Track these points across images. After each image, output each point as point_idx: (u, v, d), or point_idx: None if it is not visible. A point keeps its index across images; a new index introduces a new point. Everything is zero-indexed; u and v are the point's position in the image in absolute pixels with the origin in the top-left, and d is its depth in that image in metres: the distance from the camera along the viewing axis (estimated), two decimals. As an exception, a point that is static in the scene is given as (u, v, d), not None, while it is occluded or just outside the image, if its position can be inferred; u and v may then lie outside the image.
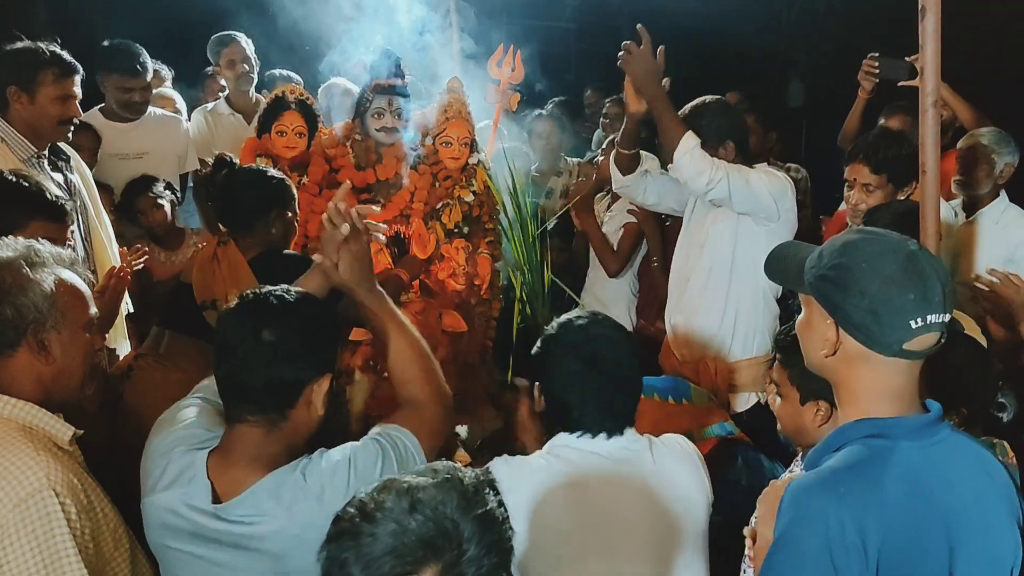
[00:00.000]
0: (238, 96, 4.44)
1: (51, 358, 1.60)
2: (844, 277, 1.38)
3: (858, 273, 1.38)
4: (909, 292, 1.35)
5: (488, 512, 1.12)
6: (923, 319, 1.34)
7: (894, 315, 1.35)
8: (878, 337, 1.36)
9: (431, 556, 1.06)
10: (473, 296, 3.30)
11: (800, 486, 1.37)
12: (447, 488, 1.12)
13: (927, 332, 1.35)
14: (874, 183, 2.92)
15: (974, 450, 1.45)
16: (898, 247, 1.40)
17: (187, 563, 1.59)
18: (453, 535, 1.07)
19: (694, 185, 2.79)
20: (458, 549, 1.07)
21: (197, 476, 1.59)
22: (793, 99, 6.35)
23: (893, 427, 1.38)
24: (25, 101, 2.82)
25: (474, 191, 3.26)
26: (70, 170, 2.98)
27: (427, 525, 1.07)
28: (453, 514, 1.09)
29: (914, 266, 1.37)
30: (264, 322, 1.57)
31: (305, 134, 3.19)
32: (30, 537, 1.44)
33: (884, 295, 1.35)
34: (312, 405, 1.61)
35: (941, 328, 1.36)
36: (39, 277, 1.60)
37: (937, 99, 2.26)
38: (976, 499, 1.39)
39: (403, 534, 1.07)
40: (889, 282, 1.35)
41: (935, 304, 1.35)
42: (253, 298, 1.63)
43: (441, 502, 1.10)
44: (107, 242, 3.05)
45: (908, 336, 1.35)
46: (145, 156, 3.90)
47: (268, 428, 1.59)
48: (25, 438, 1.53)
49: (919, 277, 1.36)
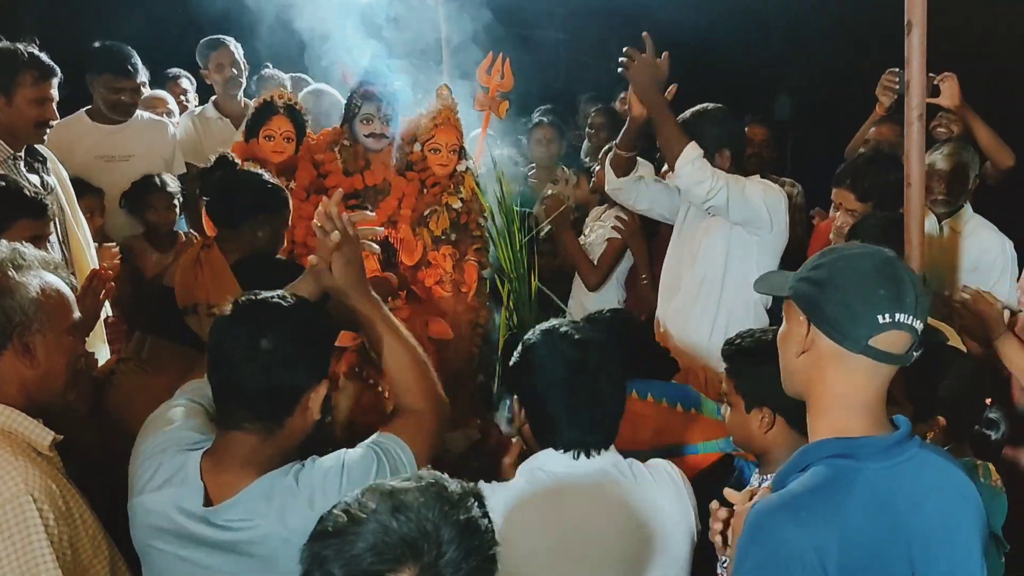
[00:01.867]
0: (226, 100, 4.43)
1: (36, 361, 1.59)
2: (822, 275, 1.42)
3: (834, 271, 1.41)
4: (881, 288, 1.37)
5: (470, 519, 1.13)
6: (891, 316, 1.36)
7: (864, 308, 1.37)
8: (847, 330, 1.37)
9: (410, 556, 1.08)
10: (460, 303, 3.29)
11: (762, 509, 1.37)
12: (431, 493, 1.14)
13: (895, 330, 1.36)
14: (859, 210, 2.96)
15: (944, 468, 1.44)
16: (876, 252, 1.44)
17: (173, 565, 1.57)
18: (433, 537, 1.09)
19: (694, 194, 2.80)
20: (437, 551, 1.09)
21: (190, 478, 1.58)
22: (780, 112, 6.40)
23: (859, 447, 1.38)
24: (2, 103, 2.79)
25: (462, 198, 3.25)
26: (46, 171, 2.96)
27: (408, 526, 1.09)
28: (435, 518, 1.11)
29: (890, 268, 1.40)
30: (261, 329, 1.56)
31: (293, 139, 3.18)
32: (7, 542, 1.42)
33: (856, 288, 1.38)
34: (309, 411, 1.61)
35: (911, 332, 1.37)
36: (25, 280, 1.58)
37: (922, 113, 2.29)
38: (943, 519, 1.38)
39: (385, 533, 1.08)
40: (863, 277, 1.39)
41: (906, 305, 1.37)
42: (248, 304, 1.61)
43: (424, 505, 1.12)
44: (84, 244, 3.03)
45: (876, 331, 1.36)
46: (131, 159, 3.86)
47: (264, 435, 1.58)
48: (3, 442, 1.51)
49: (893, 279, 1.39)
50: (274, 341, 1.55)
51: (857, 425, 1.40)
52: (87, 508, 1.61)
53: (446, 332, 3.14)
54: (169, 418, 1.70)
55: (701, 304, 2.96)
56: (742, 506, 1.53)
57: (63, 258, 2.84)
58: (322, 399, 1.62)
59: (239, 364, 1.56)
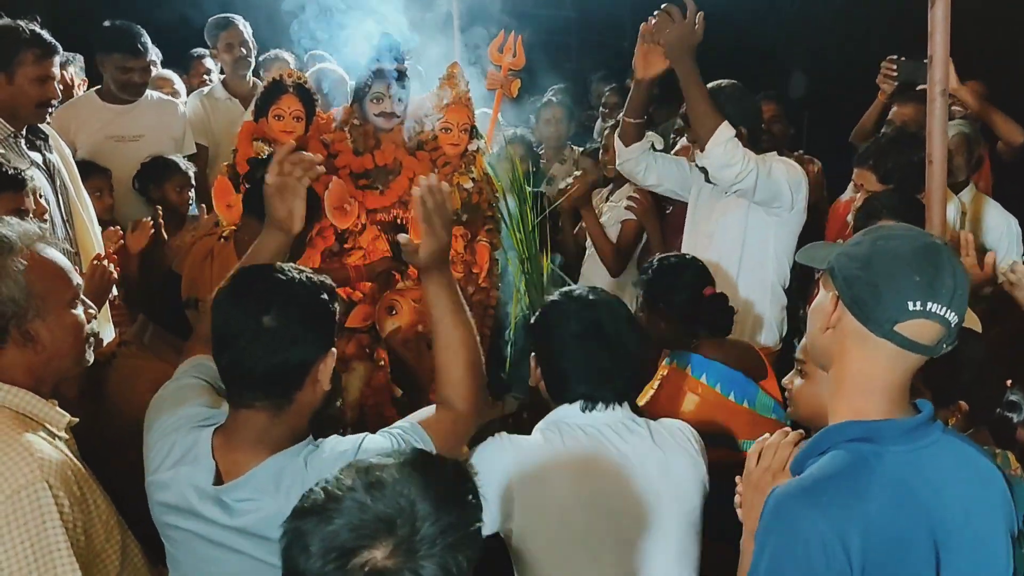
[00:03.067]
0: (235, 80, 4.41)
1: (40, 346, 1.56)
2: (860, 251, 1.37)
3: (872, 248, 1.36)
4: (915, 274, 1.31)
5: (449, 495, 1.13)
6: (923, 304, 1.30)
7: (894, 292, 1.31)
8: (872, 312, 1.33)
9: (385, 532, 1.08)
10: (471, 284, 3.27)
11: (782, 495, 1.34)
12: (408, 469, 1.14)
13: (924, 319, 1.31)
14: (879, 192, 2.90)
15: (968, 454, 1.41)
16: (920, 236, 1.38)
17: (191, 543, 1.58)
18: (408, 513, 1.09)
19: (722, 176, 2.72)
20: (411, 526, 1.08)
21: (201, 456, 1.57)
22: (795, 90, 6.31)
23: (881, 430, 1.35)
24: (2, 81, 2.76)
25: (473, 178, 3.22)
26: (48, 149, 2.93)
27: (384, 502, 1.09)
28: (410, 494, 1.10)
29: (931, 254, 1.33)
30: (263, 307, 1.53)
31: (303, 118, 3.14)
32: (21, 530, 1.41)
33: (888, 270, 1.32)
34: (319, 383, 1.59)
35: (943, 323, 1.32)
36: (10, 266, 1.53)
37: (946, 88, 2.24)
38: (967, 506, 1.35)
39: (361, 511, 1.09)
40: (898, 259, 1.33)
41: (941, 295, 1.30)
42: (247, 281, 1.59)
43: (400, 481, 1.12)
44: (88, 223, 3.01)
45: (902, 317, 1.31)
46: (141, 139, 3.86)
47: (274, 412, 1.56)
48: (19, 427, 1.50)
49: (932, 265, 1.32)
50: (278, 317, 1.53)
51: (877, 408, 1.36)
52: (100, 492, 1.61)
53: (457, 313, 3.11)
54: (180, 396, 1.70)
55: (718, 285, 2.92)
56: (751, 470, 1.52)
57: (67, 237, 2.83)
58: (331, 370, 1.60)
59: (245, 344, 1.53)
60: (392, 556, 1.07)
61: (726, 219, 2.88)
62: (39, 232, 1.62)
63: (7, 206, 2.23)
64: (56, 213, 2.80)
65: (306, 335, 1.56)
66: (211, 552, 1.56)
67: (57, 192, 2.86)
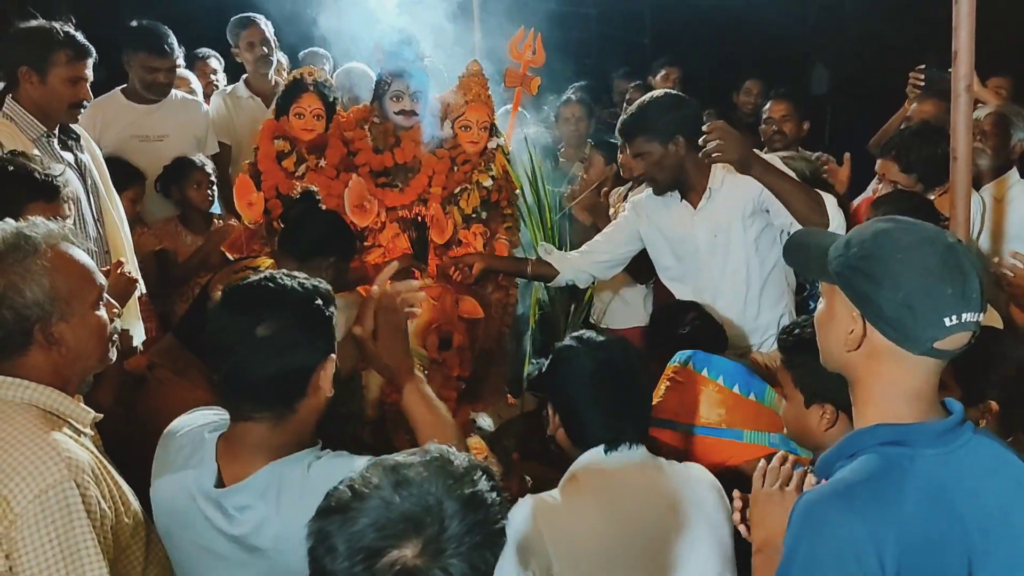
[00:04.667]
0: (257, 79, 4.42)
1: (65, 348, 1.56)
2: (876, 268, 1.31)
3: (893, 264, 1.30)
4: (948, 287, 1.27)
5: (475, 493, 1.12)
6: (959, 316, 1.27)
7: (930, 310, 1.27)
8: (911, 332, 1.29)
9: (412, 531, 1.06)
10: (490, 282, 3.27)
11: (813, 500, 1.31)
12: (435, 468, 1.12)
13: (961, 331, 1.28)
14: (903, 181, 2.88)
15: (1000, 454, 1.37)
16: (936, 238, 1.33)
17: (194, 552, 1.57)
18: (436, 512, 1.08)
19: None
20: (439, 525, 1.07)
21: (206, 459, 1.57)
22: (817, 86, 6.27)
23: (912, 433, 1.32)
24: (36, 81, 2.79)
25: (493, 176, 3.21)
26: (80, 149, 2.95)
27: (411, 500, 1.08)
28: (438, 492, 1.09)
29: (954, 259, 1.30)
30: (258, 317, 1.52)
31: (323, 116, 3.16)
32: (49, 530, 1.41)
33: (921, 288, 1.28)
34: (320, 390, 1.58)
35: (974, 328, 1.29)
36: (34, 269, 1.52)
37: (971, 84, 2.21)
38: (1000, 507, 1.32)
39: (387, 509, 1.07)
40: (927, 274, 1.28)
41: (972, 301, 1.28)
42: (240, 292, 1.57)
43: (427, 480, 1.10)
44: (119, 222, 3.03)
45: (942, 334, 1.28)
46: (165, 139, 3.88)
47: (275, 422, 1.55)
48: (45, 425, 1.50)
49: (959, 271, 1.29)
50: (273, 328, 1.51)
51: (908, 412, 1.33)
52: (125, 488, 1.61)
53: (476, 311, 3.12)
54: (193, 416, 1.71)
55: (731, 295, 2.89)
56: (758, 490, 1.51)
57: (98, 237, 2.86)
58: (331, 375, 1.59)
59: (241, 357, 1.51)
60: (421, 555, 1.05)
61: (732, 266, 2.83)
62: (63, 231, 1.61)
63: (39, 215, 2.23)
64: (88, 212, 2.82)
65: (302, 342, 1.54)
66: (215, 564, 1.55)
67: (88, 192, 2.88)
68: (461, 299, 3.10)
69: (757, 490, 1.51)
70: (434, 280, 3.08)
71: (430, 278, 3.07)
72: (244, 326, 1.52)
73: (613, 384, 1.83)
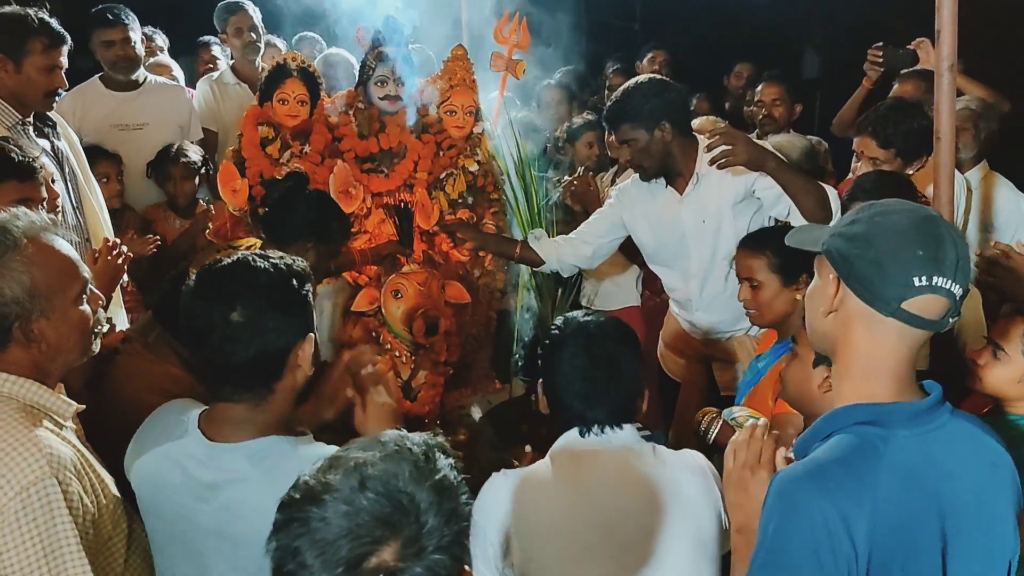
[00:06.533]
0: (244, 65, 4.39)
1: (45, 344, 1.54)
2: (856, 229, 1.33)
3: (869, 225, 1.32)
4: (918, 248, 1.28)
5: (442, 479, 1.06)
6: (928, 278, 1.27)
7: (898, 268, 1.28)
8: (878, 290, 1.30)
9: (389, 533, 1.00)
10: (477, 267, 3.27)
11: (787, 479, 1.31)
12: (397, 460, 1.05)
13: (931, 294, 1.28)
14: (881, 157, 2.86)
15: (977, 437, 1.37)
16: (917, 209, 1.35)
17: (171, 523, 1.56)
18: (410, 509, 1.02)
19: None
20: (416, 522, 1.01)
21: (191, 430, 1.56)
22: (808, 71, 6.24)
23: (889, 413, 1.32)
24: (11, 70, 2.75)
25: (479, 161, 3.21)
26: (57, 136, 2.93)
27: (380, 502, 1.01)
28: (406, 487, 1.03)
29: (930, 226, 1.31)
30: (231, 302, 1.50)
31: (307, 102, 3.14)
32: (31, 527, 1.40)
33: (890, 246, 1.29)
34: (299, 369, 1.57)
35: (949, 297, 1.29)
36: (13, 266, 1.49)
37: (954, 63, 2.20)
38: (975, 490, 1.32)
39: (356, 514, 1.00)
40: (899, 235, 1.30)
41: (945, 267, 1.28)
42: (213, 276, 1.55)
43: (393, 475, 1.03)
44: (98, 209, 3.01)
45: (909, 293, 1.28)
46: (145, 127, 3.83)
47: (255, 403, 1.55)
48: (26, 419, 1.49)
49: (932, 237, 1.29)
50: (247, 313, 1.49)
51: (884, 390, 1.33)
52: (106, 479, 1.60)
53: (463, 296, 3.11)
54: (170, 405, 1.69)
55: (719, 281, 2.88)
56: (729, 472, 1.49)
57: (77, 224, 2.84)
58: (310, 354, 1.58)
59: (217, 343, 1.50)
60: (402, 555, 1.00)
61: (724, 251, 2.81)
62: (46, 222, 1.58)
63: (13, 195, 2.18)
64: (66, 200, 2.80)
65: (278, 324, 1.52)
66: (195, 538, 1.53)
67: (66, 179, 2.86)
68: (447, 284, 3.09)
69: (730, 470, 1.50)
70: (420, 265, 3.07)
71: (416, 263, 3.07)
72: (218, 312, 1.50)
73: (587, 363, 1.81)
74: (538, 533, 1.72)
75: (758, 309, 2.43)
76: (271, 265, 1.56)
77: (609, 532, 1.73)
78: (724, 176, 2.69)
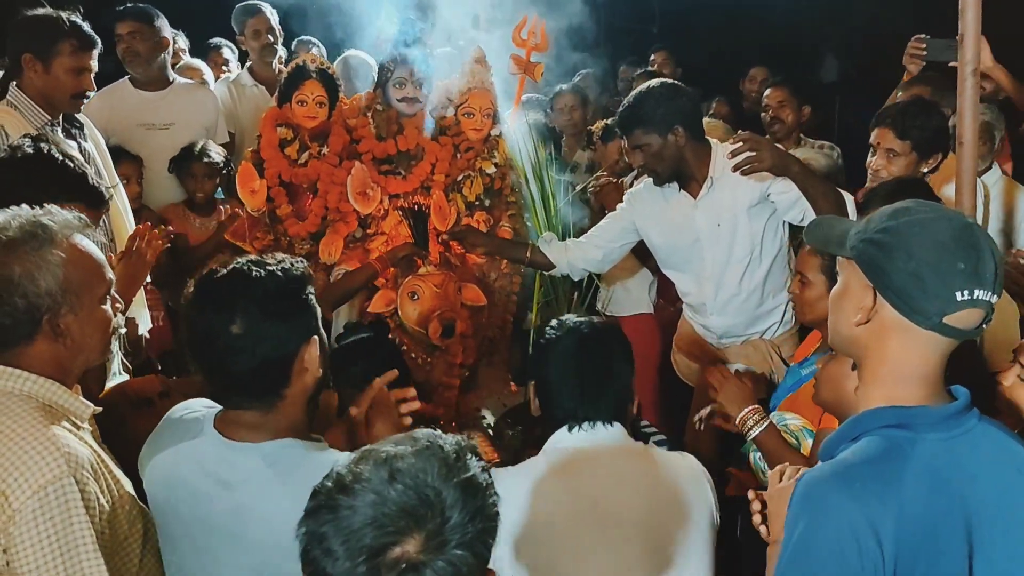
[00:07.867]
0: (261, 67, 4.42)
1: (70, 340, 1.56)
2: (891, 240, 1.30)
3: (908, 235, 1.30)
4: (960, 261, 1.26)
5: (471, 478, 1.09)
6: (970, 292, 1.26)
7: (940, 282, 1.27)
8: (919, 304, 1.28)
9: (413, 525, 1.03)
10: (494, 270, 3.26)
11: (812, 480, 1.30)
12: (427, 456, 1.08)
13: (971, 307, 1.27)
14: (898, 148, 2.84)
15: (1003, 442, 1.36)
16: (953, 216, 1.33)
17: (185, 523, 1.56)
18: (435, 503, 1.04)
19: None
20: (441, 516, 1.04)
21: (207, 429, 1.57)
22: (826, 75, 6.21)
23: (916, 417, 1.31)
24: (40, 70, 2.78)
25: (496, 163, 3.21)
26: (84, 138, 2.96)
27: (407, 494, 1.04)
28: (434, 482, 1.05)
29: (969, 237, 1.29)
30: (231, 314, 1.49)
31: (326, 104, 3.15)
32: (48, 526, 1.41)
33: (932, 259, 1.27)
34: (307, 372, 1.57)
35: (987, 308, 1.28)
36: (49, 259, 1.53)
37: (977, 67, 2.18)
38: (1001, 495, 1.31)
39: (383, 504, 1.03)
40: (940, 247, 1.28)
41: (986, 280, 1.27)
42: (211, 288, 1.54)
43: (422, 470, 1.06)
44: (122, 210, 3.04)
45: (951, 308, 1.27)
46: (172, 127, 3.87)
47: (266, 409, 1.55)
48: (45, 418, 1.50)
49: (973, 248, 1.28)
50: (247, 322, 1.49)
51: (913, 394, 1.32)
52: (122, 479, 1.61)
53: (479, 298, 3.11)
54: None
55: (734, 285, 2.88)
56: (775, 486, 1.49)
57: (102, 225, 2.86)
58: (317, 356, 1.57)
59: (220, 354, 1.50)
60: (425, 548, 1.03)
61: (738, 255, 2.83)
62: (79, 223, 1.61)
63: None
64: None
65: (278, 333, 1.51)
66: (209, 541, 1.54)
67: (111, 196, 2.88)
68: (464, 286, 3.09)
69: (774, 486, 1.49)
70: (436, 267, 3.07)
71: (432, 265, 3.07)
72: (218, 324, 1.49)
73: (578, 362, 1.84)
74: (534, 528, 1.73)
75: (801, 305, 2.39)
76: (268, 272, 1.54)
77: (605, 526, 1.74)
78: (739, 180, 2.68)
